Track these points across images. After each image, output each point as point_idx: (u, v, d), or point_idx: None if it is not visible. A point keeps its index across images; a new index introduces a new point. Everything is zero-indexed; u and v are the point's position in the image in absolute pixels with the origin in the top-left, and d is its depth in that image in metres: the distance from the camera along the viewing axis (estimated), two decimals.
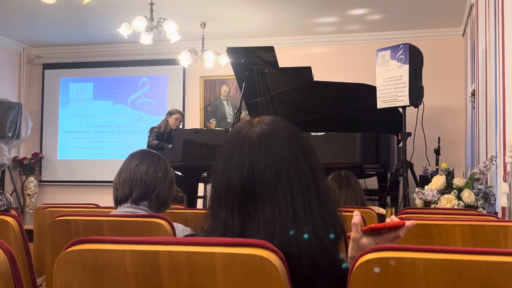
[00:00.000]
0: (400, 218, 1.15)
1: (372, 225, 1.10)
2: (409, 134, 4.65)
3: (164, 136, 6.02)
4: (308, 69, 5.44)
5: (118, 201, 1.91)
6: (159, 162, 1.96)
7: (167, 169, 1.97)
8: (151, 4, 5.47)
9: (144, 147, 4.25)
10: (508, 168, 2.72)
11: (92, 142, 7.94)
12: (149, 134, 6.06)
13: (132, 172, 1.91)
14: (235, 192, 1.09)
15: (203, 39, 6.59)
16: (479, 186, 3.54)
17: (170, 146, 5.70)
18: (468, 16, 5.80)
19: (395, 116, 4.98)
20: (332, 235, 1.08)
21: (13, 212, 2.23)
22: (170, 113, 6.21)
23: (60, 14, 6.26)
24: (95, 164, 7.78)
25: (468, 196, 3.15)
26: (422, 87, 4.62)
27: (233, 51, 5.35)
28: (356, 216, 1.14)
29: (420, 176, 4.68)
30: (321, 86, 5.54)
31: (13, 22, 6.70)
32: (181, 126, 6.36)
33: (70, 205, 2.51)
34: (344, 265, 1.06)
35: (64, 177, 7.92)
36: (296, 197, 1.08)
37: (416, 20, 6.46)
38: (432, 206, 3.24)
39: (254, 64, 5.29)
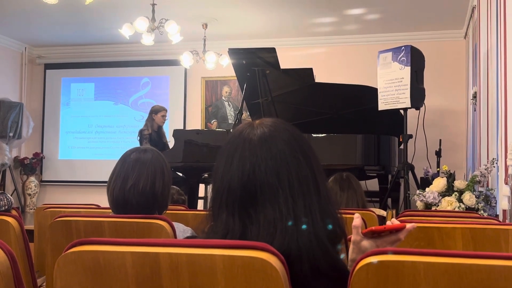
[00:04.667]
0: (401, 221, 1.15)
1: (373, 227, 1.10)
2: (410, 136, 4.64)
3: (153, 135, 5.86)
4: (310, 70, 5.43)
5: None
6: (156, 172, 1.77)
7: (164, 175, 1.79)
8: (153, 4, 5.47)
9: None
10: (510, 171, 2.71)
11: (93, 142, 7.94)
12: (139, 138, 5.81)
13: (127, 194, 1.73)
14: (236, 194, 1.09)
15: (204, 40, 6.60)
16: (480, 189, 3.53)
17: (168, 146, 5.71)
18: (470, 18, 5.79)
19: (396, 118, 4.98)
20: (330, 226, 1.07)
21: (13, 212, 2.23)
22: (155, 111, 5.97)
23: (62, 14, 6.27)
24: (96, 165, 7.78)
25: (469, 198, 3.14)
26: (424, 89, 4.62)
27: (234, 52, 5.35)
28: (356, 219, 1.14)
29: (421, 178, 4.68)
30: (323, 88, 5.53)
31: (15, 22, 6.71)
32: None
33: (71, 206, 2.51)
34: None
35: (65, 177, 7.93)
36: (297, 199, 1.08)
37: (418, 22, 6.46)
38: (433, 208, 3.23)
39: (256, 65, 5.28)
